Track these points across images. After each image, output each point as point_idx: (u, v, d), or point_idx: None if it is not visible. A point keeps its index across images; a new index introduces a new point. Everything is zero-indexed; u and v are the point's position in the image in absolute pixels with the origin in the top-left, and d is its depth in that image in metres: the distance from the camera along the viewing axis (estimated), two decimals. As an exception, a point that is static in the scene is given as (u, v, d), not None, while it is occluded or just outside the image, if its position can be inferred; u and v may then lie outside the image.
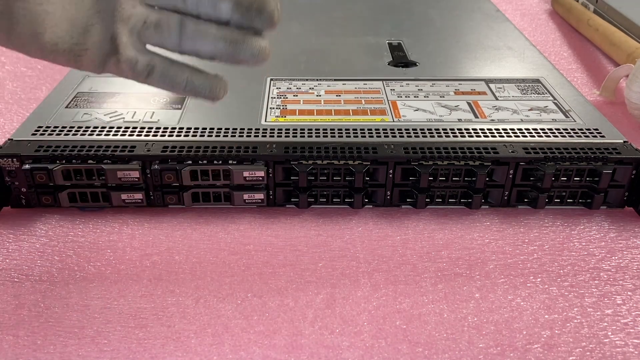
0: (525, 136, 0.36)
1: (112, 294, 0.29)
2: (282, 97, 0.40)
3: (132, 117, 0.37)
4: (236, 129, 0.36)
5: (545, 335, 0.27)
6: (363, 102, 0.40)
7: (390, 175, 0.34)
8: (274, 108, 0.39)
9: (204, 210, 0.35)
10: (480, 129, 0.36)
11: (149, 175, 0.34)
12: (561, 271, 0.31)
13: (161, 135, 0.35)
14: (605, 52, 0.60)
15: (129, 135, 0.35)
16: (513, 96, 0.41)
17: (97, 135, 0.35)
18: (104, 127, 0.36)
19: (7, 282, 0.30)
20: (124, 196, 0.34)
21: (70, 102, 0.39)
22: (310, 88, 0.42)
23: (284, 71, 0.45)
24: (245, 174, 0.33)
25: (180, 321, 0.27)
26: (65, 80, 0.42)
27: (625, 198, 0.35)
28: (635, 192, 0.35)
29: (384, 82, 0.43)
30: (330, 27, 0.55)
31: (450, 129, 0.36)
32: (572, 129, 0.37)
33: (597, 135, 0.36)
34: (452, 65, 0.47)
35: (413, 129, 0.36)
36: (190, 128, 0.36)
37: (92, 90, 0.41)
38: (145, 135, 0.35)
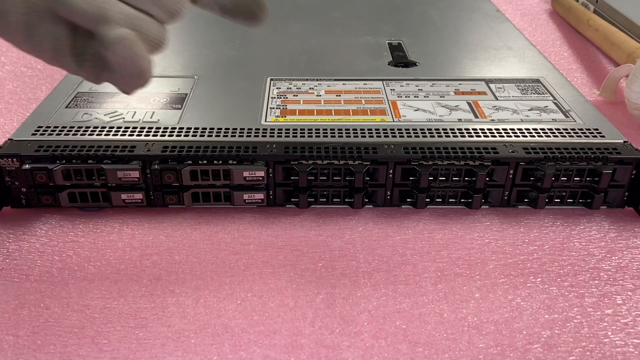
0: (525, 136, 0.36)
1: (112, 294, 0.29)
2: (282, 97, 0.40)
3: (132, 117, 0.37)
4: (236, 129, 0.36)
5: (545, 335, 0.27)
6: (363, 102, 0.40)
7: (390, 175, 0.34)
8: (274, 108, 0.39)
9: (204, 210, 0.35)
10: (480, 129, 0.36)
11: (149, 175, 0.34)
12: (561, 271, 0.31)
13: (161, 135, 0.35)
14: (605, 52, 0.60)
15: (129, 135, 0.35)
16: (513, 96, 0.41)
17: (97, 135, 0.35)
18: (104, 127, 0.36)
19: (7, 282, 0.30)
20: (124, 196, 0.34)
21: (70, 102, 0.39)
22: (310, 88, 0.42)
23: (284, 71, 0.45)
24: (245, 174, 0.33)
25: (180, 321, 0.27)
26: (65, 80, 0.42)
27: (625, 198, 0.35)
28: (635, 192, 0.35)
29: (384, 82, 0.43)
30: (330, 27, 0.55)
31: (450, 129, 0.36)
32: (572, 129, 0.37)
33: (597, 135, 0.36)
34: (452, 65, 0.47)
35: (413, 129, 0.36)
36: (190, 128, 0.36)
37: (92, 90, 0.41)
38: (145, 135, 0.35)
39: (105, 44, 0.24)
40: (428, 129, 0.36)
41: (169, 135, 0.35)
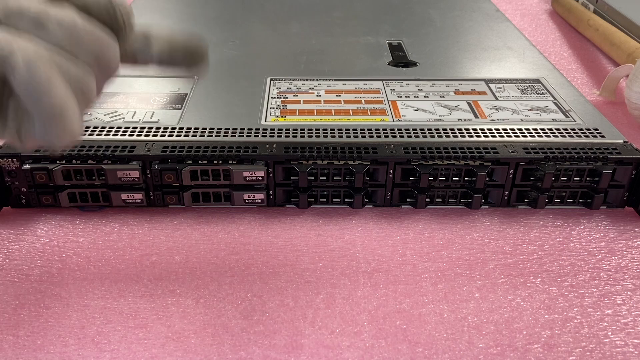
0: (525, 136, 0.36)
1: (112, 294, 0.29)
2: (282, 97, 0.40)
3: (132, 117, 0.37)
4: (236, 129, 0.36)
5: (545, 335, 0.27)
6: (363, 102, 0.40)
7: (390, 175, 0.34)
8: (274, 108, 0.39)
9: (204, 210, 0.35)
10: (480, 129, 0.36)
11: (149, 175, 0.34)
12: (561, 271, 0.31)
13: (161, 135, 0.35)
14: (605, 52, 0.60)
15: (129, 135, 0.35)
16: (513, 96, 0.41)
17: (97, 135, 0.35)
18: (104, 127, 0.36)
19: (7, 282, 0.30)
20: (124, 196, 0.34)
21: (70, 102, 0.39)
22: (310, 88, 0.42)
23: (284, 71, 0.45)
24: (245, 174, 0.33)
25: (180, 321, 0.27)
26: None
27: (625, 198, 0.35)
28: (635, 192, 0.35)
29: (384, 82, 0.43)
30: (330, 27, 0.55)
31: (450, 129, 0.36)
32: (572, 129, 0.37)
33: (597, 135, 0.36)
34: (452, 65, 0.47)
35: (413, 129, 0.36)
36: (190, 128, 0.36)
37: (92, 90, 0.41)
38: (145, 135, 0.35)
39: (10, 70, 0.20)
40: (428, 129, 0.36)
41: (169, 135, 0.35)
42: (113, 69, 0.24)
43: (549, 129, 0.37)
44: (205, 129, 0.36)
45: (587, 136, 0.36)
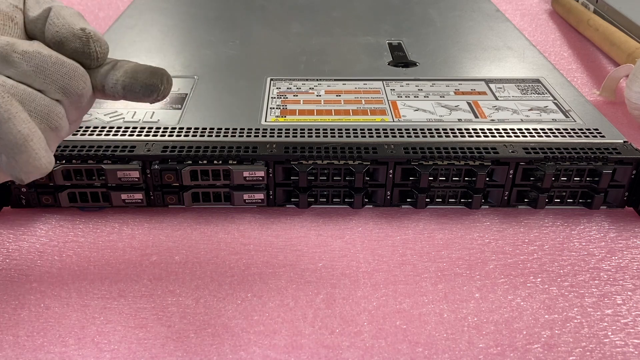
0: (525, 136, 0.36)
1: (112, 294, 0.29)
2: (282, 97, 0.40)
3: (132, 117, 0.37)
4: (236, 129, 0.36)
5: (545, 335, 0.27)
6: (363, 102, 0.40)
7: (390, 175, 0.34)
8: (274, 108, 0.39)
9: (204, 210, 0.35)
10: (480, 129, 0.36)
11: (149, 175, 0.34)
12: (561, 271, 0.31)
13: (161, 135, 0.35)
14: (605, 52, 0.60)
15: (129, 135, 0.35)
16: (513, 96, 0.41)
17: (97, 135, 0.35)
18: (104, 127, 0.36)
19: (7, 282, 0.30)
20: (124, 196, 0.34)
21: (70, 102, 0.39)
22: (310, 88, 0.42)
23: (284, 71, 0.45)
24: (245, 174, 0.33)
25: (180, 321, 0.27)
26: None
27: (625, 198, 0.35)
28: (635, 192, 0.35)
29: (384, 82, 0.43)
30: (330, 27, 0.55)
31: (450, 129, 0.36)
32: (572, 129, 0.37)
33: (597, 135, 0.36)
34: (452, 65, 0.47)
35: (413, 129, 0.36)
36: (190, 128, 0.36)
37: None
38: (145, 135, 0.35)
39: None
40: (428, 129, 0.36)
41: (169, 135, 0.35)
42: (85, 101, 0.24)
43: (549, 129, 0.37)
44: (205, 129, 0.36)
45: (587, 136, 0.36)
